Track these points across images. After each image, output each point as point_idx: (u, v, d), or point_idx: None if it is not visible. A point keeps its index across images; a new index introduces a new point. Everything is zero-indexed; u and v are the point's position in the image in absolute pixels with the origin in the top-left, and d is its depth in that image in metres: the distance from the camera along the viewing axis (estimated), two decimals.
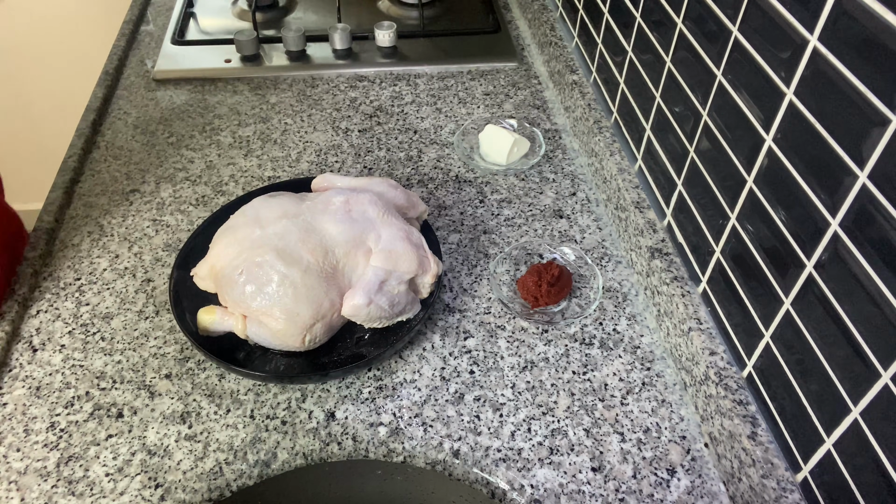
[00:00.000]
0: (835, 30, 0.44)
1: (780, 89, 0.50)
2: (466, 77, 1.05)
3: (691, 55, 0.63)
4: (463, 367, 0.66)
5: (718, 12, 0.58)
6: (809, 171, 0.48)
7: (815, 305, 0.48)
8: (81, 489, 0.58)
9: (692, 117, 0.64)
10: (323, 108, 0.98)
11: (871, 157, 0.42)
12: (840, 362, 0.46)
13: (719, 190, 0.60)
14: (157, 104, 0.99)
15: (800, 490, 0.52)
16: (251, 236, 0.63)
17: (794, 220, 0.50)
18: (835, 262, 0.46)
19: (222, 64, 1.05)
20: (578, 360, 0.67)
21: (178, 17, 1.14)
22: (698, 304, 0.64)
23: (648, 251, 0.70)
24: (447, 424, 0.62)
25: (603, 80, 0.88)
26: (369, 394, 0.65)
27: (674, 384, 0.65)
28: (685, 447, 0.61)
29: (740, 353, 0.59)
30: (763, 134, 0.53)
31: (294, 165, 0.89)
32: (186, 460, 0.60)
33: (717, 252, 0.62)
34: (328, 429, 0.62)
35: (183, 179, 0.86)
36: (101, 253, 0.77)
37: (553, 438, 0.61)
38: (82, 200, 0.84)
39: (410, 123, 0.96)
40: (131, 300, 0.72)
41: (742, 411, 0.56)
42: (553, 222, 0.81)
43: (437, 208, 0.83)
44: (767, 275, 0.54)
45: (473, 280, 0.75)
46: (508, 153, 0.87)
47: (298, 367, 0.64)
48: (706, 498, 0.57)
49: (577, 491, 0.58)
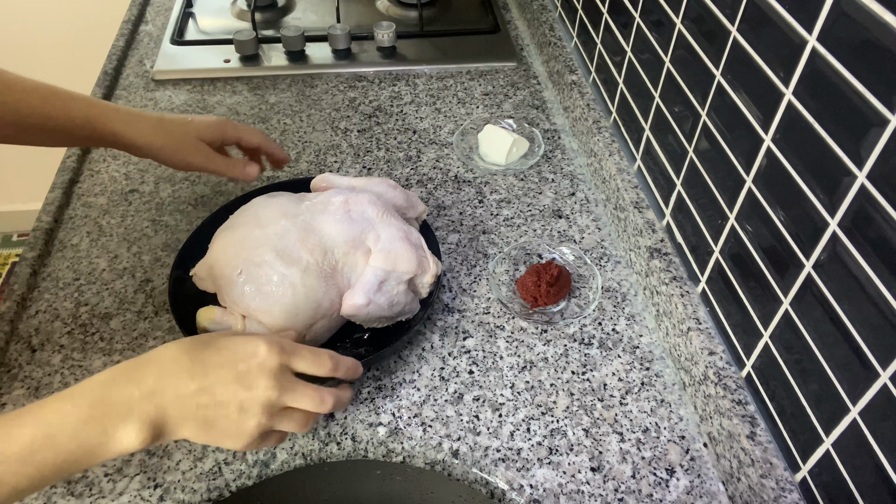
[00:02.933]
0: (833, 30, 0.44)
1: (779, 89, 0.50)
2: (465, 77, 1.05)
3: (690, 55, 0.63)
4: (462, 367, 0.67)
5: (717, 12, 0.58)
6: (808, 172, 0.48)
7: (814, 305, 0.48)
8: (80, 489, 0.58)
9: (691, 117, 0.64)
10: (322, 109, 0.98)
11: (870, 158, 0.42)
12: (839, 362, 0.46)
13: (718, 190, 0.60)
14: (156, 104, 0.99)
15: (798, 490, 0.52)
16: (250, 236, 0.63)
17: (792, 220, 0.50)
18: (834, 262, 0.46)
19: (221, 64, 1.05)
20: (577, 360, 0.67)
21: (177, 18, 1.14)
22: (697, 304, 0.64)
23: (647, 251, 0.70)
24: (446, 424, 0.62)
25: (602, 80, 0.88)
26: (368, 394, 0.65)
27: (673, 384, 0.65)
28: (684, 447, 0.61)
29: (739, 352, 0.59)
30: (762, 134, 0.53)
31: (293, 165, 0.88)
32: (185, 460, 0.60)
33: (716, 252, 0.62)
34: (327, 429, 0.62)
35: (182, 179, 0.86)
36: (100, 253, 0.77)
37: (552, 438, 0.61)
38: (81, 200, 0.84)
39: (409, 123, 0.96)
40: (130, 300, 0.72)
41: (741, 411, 0.56)
42: (552, 222, 0.81)
43: (437, 208, 0.83)
44: (766, 275, 0.54)
45: (472, 280, 0.75)
46: (507, 153, 0.87)
47: None
48: (705, 498, 0.57)
49: (576, 491, 0.58)
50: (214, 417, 0.47)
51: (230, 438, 0.48)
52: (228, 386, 0.47)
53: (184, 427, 0.47)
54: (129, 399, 0.44)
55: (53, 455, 0.43)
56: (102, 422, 0.44)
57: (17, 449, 0.42)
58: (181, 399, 0.46)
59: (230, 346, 0.48)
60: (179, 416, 0.46)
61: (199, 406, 0.46)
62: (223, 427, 0.47)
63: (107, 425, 0.44)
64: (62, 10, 1.70)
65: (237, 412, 0.47)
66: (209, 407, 0.46)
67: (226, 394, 0.47)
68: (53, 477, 0.43)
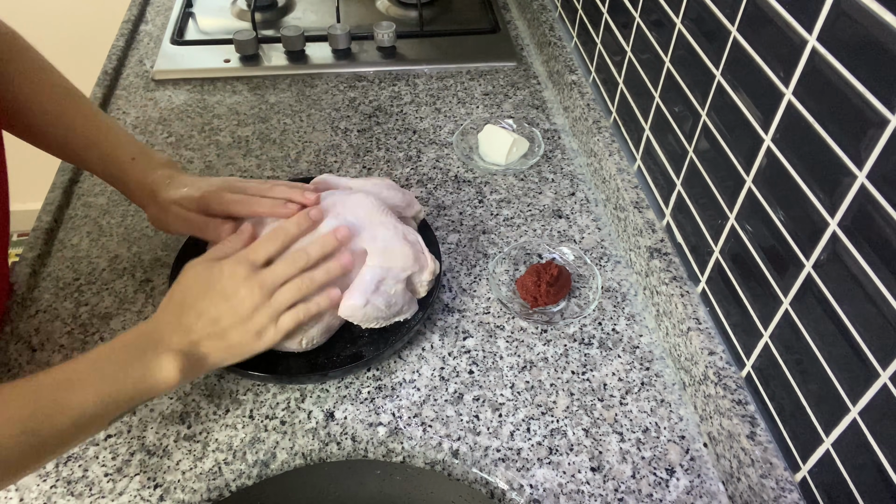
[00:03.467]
0: (833, 30, 0.44)
1: (779, 89, 0.50)
2: (465, 77, 1.05)
3: (690, 55, 0.63)
4: (462, 367, 0.67)
5: (717, 12, 0.58)
6: (808, 171, 0.48)
7: (814, 305, 0.48)
8: (80, 489, 0.58)
9: (691, 117, 0.64)
10: (322, 108, 0.98)
11: (870, 158, 0.42)
12: (839, 362, 0.46)
13: (718, 190, 0.60)
14: (156, 104, 0.99)
15: (798, 490, 0.52)
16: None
17: (792, 220, 0.50)
18: (833, 262, 0.46)
19: (221, 64, 1.05)
20: (577, 360, 0.67)
21: (177, 17, 1.14)
22: (697, 304, 0.64)
23: (647, 251, 0.70)
24: (446, 424, 0.62)
25: (602, 79, 0.88)
26: (368, 394, 0.65)
27: (673, 384, 0.65)
28: (684, 447, 0.61)
29: (739, 352, 0.59)
30: (762, 134, 0.53)
31: (293, 165, 0.88)
32: (185, 460, 0.60)
33: (716, 252, 0.62)
34: (327, 429, 0.62)
35: None
36: (100, 253, 0.77)
37: (552, 438, 0.61)
38: (81, 200, 0.84)
39: (409, 123, 0.96)
40: (130, 300, 0.72)
41: (741, 411, 0.56)
42: (552, 222, 0.81)
43: (436, 208, 0.83)
44: (766, 275, 0.54)
45: (472, 280, 0.75)
46: (507, 153, 0.87)
47: (297, 367, 0.64)
48: (705, 497, 0.57)
49: (576, 491, 0.58)
50: (224, 330, 0.55)
51: (248, 339, 0.56)
52: (217, 304, 0.55)
53: (210, 353, 0.55)
54: (158, 334, 0.53)
55: (106, 385, 0.50)
56: (144, 349, 0.52)
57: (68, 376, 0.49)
58: (190, 330, 0.54)
59: (205, 275, 0.57)
60: (199, 342, 0.54)
61: (209, 332, 0.55)
62: (237, 336, 0.56)
63: (144, 356, 0.52)
64: (62, 10, 1.70)
65: (236, 317, 0.55)
66: (215, 325, 0.55)
67: (218, 310, 0.55)
68: (112, 410, 0.50)
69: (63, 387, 0.48)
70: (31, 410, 0.46)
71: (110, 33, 1.35)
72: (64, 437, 0.48)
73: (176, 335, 0.54)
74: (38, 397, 0.47)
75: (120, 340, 0.53)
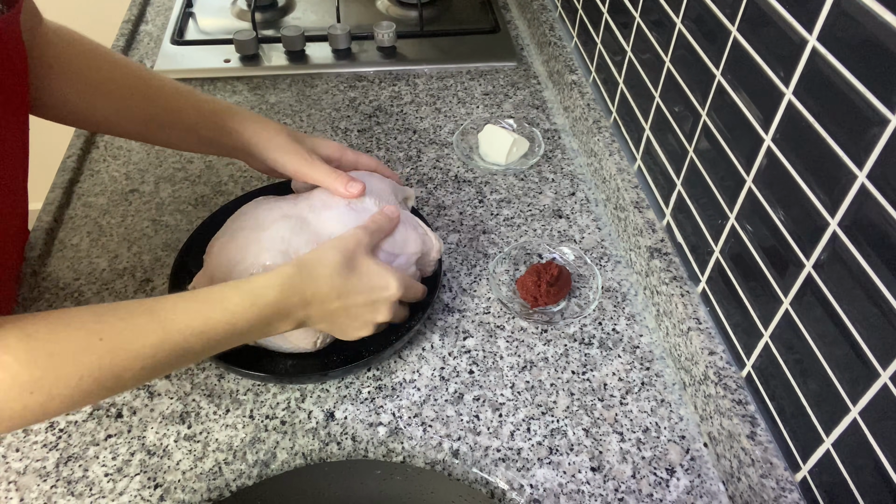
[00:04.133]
0: (833, 30, 0.44)
1: (780, 89, 0.50)
2: (465, 77, 1.05)
3: (690, 55, 0.63)
4: (462, 367, 0.67)
5: (717, 12, 0.58)
6: (808, 171, 0.48)
7: (814, 305, 0.48)
8: (81, 489, 0.58)
9: (691, 117, 0.64)
10: (322, 108, 0.98)
11: (870, 157, 0.42)
12: (839, 362, 0.46)
13: (718, 190, 0.60)
14: None
15: (799, 490, 0.52)
16: (254, 241, 0.62)
17: (793, 219, 0.50)
18: (834, 262, 0.46)
19: (221, 64, 1.05)
20: (578, 360, 0.67)
21: (177, 17, 1.14)
22: (697, 304, 0.64)
23: (647, 251, 0.70)
24: (446, 424, 0.62)
25: (602, 79, 0.88)
26: (368, 394, 0.65)
27: (673, 384, 0.65)
28: (684, 447, 0.61)
29: (739, 352, 0.59)
30: (762, 134, 0.53)
31: None
32: (186, 460, 0.60)
33: (717, 252, 0.62)
34: (327, 429, 0.62)
35: (182, 179, 0.86)
36: (101, 253, 0.77)
37: (552, 438, 0.61)
38: (81, 200, 0.84)
39: (410, 123, 0.96)
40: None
41: (741, 411, 0.56)
42: (552, 222, 0.81)
43: (437, 208, 0.83)
44: (766, 275, 0.54)
45: (473, 280, 0.75)
46: (507, 153, 0.87)
47: (298, 367, 0.64)
48: (705, 497, 0.57)
49: (576, 491, 0.58)
50: (342, 324, 0.60)
51: (343, 334, 0.62)
52: (361, 308, 0.60)
53: (318, 324, 0.60)
54: (291, 306, 0.56)
55: (228, 336, 0.53)
56: (271, 320, 0.55)
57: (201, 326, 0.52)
58: (324, 311, 0.58)
59: (370, 274, 0.60)
60: (318, 319, 0.58)
61: (335, 315, 0.59)
62: (343, 328, 0.61)
63: (273, 321, 0.56)
64: (62, 10, 1.70)
65: (359, 323, 0.61)
66: (341, 317, 0.60)
67: (357, 312, 0.60)
68: (222, 347, 0.54)
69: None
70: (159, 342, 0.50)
71: (110, 33, 1.35)
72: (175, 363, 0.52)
73: (308, 311, 0.57)
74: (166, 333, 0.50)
75: (272, 307, 0.55)
